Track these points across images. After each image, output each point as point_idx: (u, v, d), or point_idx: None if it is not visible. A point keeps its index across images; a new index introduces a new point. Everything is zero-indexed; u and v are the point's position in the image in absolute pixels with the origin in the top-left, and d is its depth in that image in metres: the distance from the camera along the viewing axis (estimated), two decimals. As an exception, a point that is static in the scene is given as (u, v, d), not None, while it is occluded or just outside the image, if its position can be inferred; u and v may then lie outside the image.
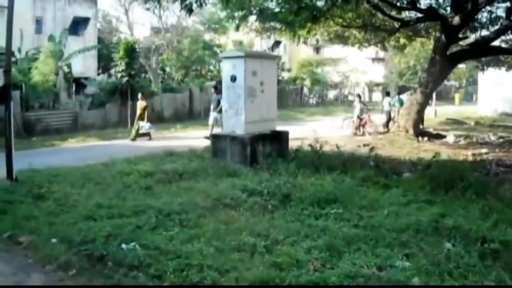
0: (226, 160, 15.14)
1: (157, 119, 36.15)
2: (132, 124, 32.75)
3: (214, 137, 16.06)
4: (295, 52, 57.45)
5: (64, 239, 8.56)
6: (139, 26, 56.85)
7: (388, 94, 32.14)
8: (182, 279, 6.76)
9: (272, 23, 19.77)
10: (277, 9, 16.89)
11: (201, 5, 16.75)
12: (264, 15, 17.02)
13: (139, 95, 28.48)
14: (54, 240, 8.64)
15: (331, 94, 60.64)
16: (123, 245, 8.06)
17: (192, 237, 8.50)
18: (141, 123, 27.16)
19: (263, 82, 15.62)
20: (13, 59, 31.54)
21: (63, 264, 7.66)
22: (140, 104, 27.81)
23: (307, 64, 55.82)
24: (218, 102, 23.63)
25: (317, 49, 65.11)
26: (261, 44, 49.64)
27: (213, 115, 24.98)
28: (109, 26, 60.02)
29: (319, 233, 8.48)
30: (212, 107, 25.54)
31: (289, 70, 57.10)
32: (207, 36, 51.93)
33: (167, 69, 50.13)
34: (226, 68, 15.70)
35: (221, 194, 11.31)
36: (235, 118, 15.36)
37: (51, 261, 7.86)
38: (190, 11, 16.07)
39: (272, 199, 10.86)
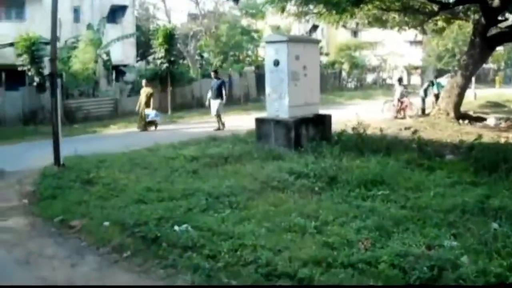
0: (270, 143, 15.26)
1: (197, 105, 36.56)
2: (172, 110, 33.24)
3: (258, 121, 16.15)
4: (333, 36, 57.21)
5: (117, 222, 8.85)
6: (176, 12, 57.08)
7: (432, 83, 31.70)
8: (237, 259, 6.96)
9: (310, 7, 19.69)
10: None
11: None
12: None
13: (143, 82, 27.60)
14: (106, 223, 8.95)
15: (370, 78, 60.34)
16: (176, 227, 8.30)
17: (243, 218, 8.72)
18: (147, 111, 26.01)
19: (305, 66, 15.71)
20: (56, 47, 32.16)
21: (117, 246, 7.97)
22: (145, 91, 26.53)
23: (345, 48, 55.54)
24: (219, 89, 23.92)
25: (354, 33, 64.69)
26: (298, 28, 49.50)
27: (214, 103, 24.14)
28: (146, 13, 60.32)
29: (367, 214, 8.61)
30: (210, 94, 24.56)
31: (327, 54, 56.88)
32: (245, 22, 51.98)
33: (205, 55, 50.37)
34: (269, 53, 15.80)
35: (268, 177, 11.47)
36: (278, 102, 15.47)
37: (105, 243, 8.18)
38: (236, 0, 16.21)
39: (319, 181, 10.99)
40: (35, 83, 29.25)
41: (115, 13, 42.64)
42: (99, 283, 6.87)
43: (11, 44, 31.19)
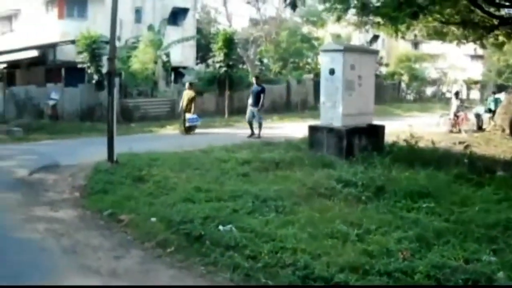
0: (322, 151, 15.35)
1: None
2: (230, 114, 33.55)
3: (311, 129, 16.25)
4: (394, 46, 56.67)
5: (163, 219, 9.12)
6: (238, 17, 57.42)
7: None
8: (276, 260, 7.11)
9: (370, 17, 19.66)
10: (378, 4, 16.78)
11: (304, 1, 17.05)
12: (366, 9, 17.00)
13: (187, 85, 26.90)
14: (153, 219, 9.25)
15: (429, 90, 59.60)
16: (220, 227, 8.51)
17: (287, 222, 8.84)
18: (188, 116, 25.28)
19: (361, 76, 15.76)
20: (115, 47, 32.87)
21: (161, 242, 8.23)
22: (187, 94, 25.66)
23: (405, 59, 54.98)
24: (257, 95, 23.17)
25: (415, 44, 63.94)
26: (359, 38, 49.25)
27: (250, 110, 23.44)
28: (207, 17, 60.91)
29: (410, 225, 8.62)
30: (250, 101, 23.78)
31: (387, 65, 56.47)
32: (305, 29, 52.01)
33: (265, 60, 50.61)
34: (325, 61, 15.92)
35: (317, 183, 11.58)
36: (332, 111, 15.56)
37: (150, 238, 8.46)
38: (294, 7, 16.34)
39: (366, 191, 11.01)
40: (94, 81, 29.91)
41: (176, 16, 43.19)
42: (140, 277, 7.14)
43: (72, 42, 31.97)
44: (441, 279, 6.49)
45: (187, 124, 25.12)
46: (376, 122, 17.20)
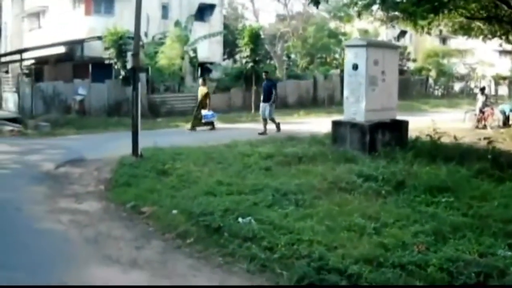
0: (345, 146, 15.38)
1: (281, 105, 36.91)
2: (256, 109, 33.64)
3: (335, 124, 16.31)
4: (421, 42, 56.20)
5: (184, 211, 9.32)
6: (265, 13, 57.68)
7: None
8: (292, 252, 7.24)
9: (395, 13, 19.61)
10: None
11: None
12: (387, 4, 17.00)
13: (200, 81, 27.14)
14: (174, 211, 9.46)
15: (457, 86, 59.06)
16: (240, 219, 8.66)
17: (306, 215, 8.96)
18: (203, 112, 25.19)
19: (384, 71, 15.74)
20: (140, 43, 33.21)
21: (181, 233, 8.44)
22: (201, 90, 26.08)
23: (432, 54, 54.53)
24: (269, 91, 23.19)
25: (443, 40, 63.46)
26: (386, 33, 49.12)
27: (262, 105, 23.45)
28: (235, 13, 61.19)
29: (428, 219, 8.64)
30: (262, 97, 23.94)
31: (414, 60, 56.10)
32: (333, 24, 52.01)
33: (292, 56, 50.68)
34: (348, 56, 15.96)
35: (338, 178, 11.62)
36: (355, 106, 15.59)
37: (170, 230, 8.68)
38: (317, 3, 16.39)
39: (386, 185, 11.03)
40: (120, 76, 30.21)
41: (203, 12, 43.43)
42: (160, 266, 7.32)
43: (99, 38, 32.32)
44: (453, 272, 6.53)
45: (203, 120, 25.08)
46: (401, 117, 17.14)
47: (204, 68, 40.82)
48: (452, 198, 10.02)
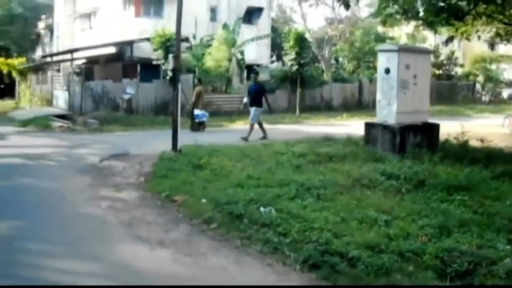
0: (377, 147, 15.89)
1: (326, 107, 37.57)
2: (300, 111, 34.34)
3: (368, 125, 16.83)
4: (469, 47, 55.83)
5: (212, 200, 10.12)
6: (313, 16, 58.20)
7: None
8: (303, 237, 7.93)
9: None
10: (420, 9, 17.09)
11: (357, 1, 17.68)
12: (408, 14, 17.39)
13: (196, 81, 27.23)
14: (203, 200, 10.27)
15: (505, 92, 58.45)
16: (261, 208, 9.42)
17: (324, 208, 9.58)
18: (195, 111, 25.26)
19: (416, 75, 16.17)
20: (188, 45, 34.21)
21: (207, 219, 9.25)
22: (196, 90, 26.27)
23: (480, 60, 54.18)
24: (257, 95, 21.82)
25: (491, 45, 62.89)
26: (435, 38, 49.03)
27: (251, 110, 21.84)
28: (283, 16, 61.83)
29: (437, 214, 9.12)
30: (245, 99, 23.29)
31: (461, 66, 55.86)
32: (380, 28, 52.18)
33: (340, 59, 51.09)
34: (381, 61, 16.46)
35: (362, 175, 12.18)
36: (387, 108, 16.09)
37: (198, 216, 9.50)
38: (347, 6, 16.92)
39: (407, 183, 11.54)
40: (168, 77, 30.91)
41: (251, 14, 44.21)
42: (184, 246, 8.14)
43: (148, 39, 33.31)
44: (447, 260, 7.04)
45: (196, 120, 25.22)
46: (442, 121, 17.44)
47: (251, 70, 41.57)
48: (466, 197, 10.43)
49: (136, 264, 7.38)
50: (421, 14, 17.01)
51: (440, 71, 48.83)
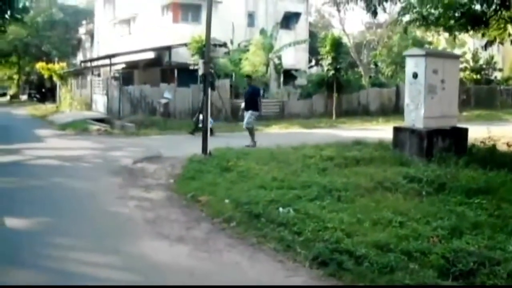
0: (405, 151, 16.02)
1: (362, 112, 37.67)
2: (337, 115, 34.54)
3: (396, 130, 17.00)
4: (509, 51, 55.33)
5: (234, 200, 10.53)
6: (351, 21, 58.28)
7: None
8: (316, 236, 8.23)
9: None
10: (437, 15, 17.16)
11: (384, 9, 17.88)
12: (427, 20, 17.49)
13: (201, 86, 25.71)
14: (226, 200, 10.69)
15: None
16: (280, 208, 9.78)
17: (342, 209, 9.85)
18: (201, 116, 23.21)
19: (444, 80, 16.31)
20: (225, 50, 34.69)
21: (227, 218, 9.65)
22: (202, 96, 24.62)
23: (520, 64, 53.79)
24: (252, 98, 20.99)
25: (533, 49, 62.08)
26: (473, 42, 48.74)
27: (245, 114, 21.05)
28: (322, 21, 61.99)
29: (452, 216, 9.25)
30: (243, 105, 21.90)
31: (500, 70, 55.33)
32: (419, 33, 51.98)
33: (379, 64, 51.08)
34: (409, 65, 16.60)
35: (384, 178, 12.35)
36: (415, 112, 16.23)
37: (219, 215, 9.91)
38: (374, 13, 17.14)
39: (428, 186, 11.63)
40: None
41: (288, 20, 44.67)
42: (202, 242, 8.56)
43: (185, 45, 33.90)
44: (452, 260, 7.20)
45: (200, 124, 24.01)
46: (475, 126, 17.57)
47: (289, 75, 41.94)
48: (484, 200, 10.52)
49: (155, 257, 7.84)
50: (440, 21, 17.07)
51: (479, 76, 48.43)
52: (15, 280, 7.00)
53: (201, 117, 22.79)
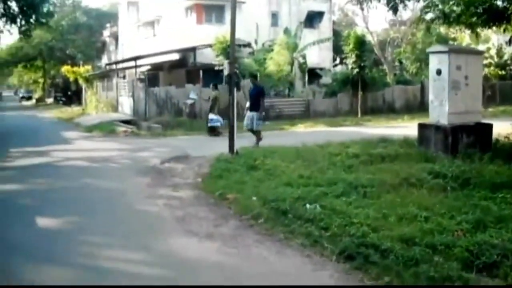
0: (430, 147, 16.05)
1: (388, 110, 37.66)
2: (362, 113, 34.61)
3: (421, 126, 17.05)
4: (536, 47, 54.66)
5: (262, 198, 10.73)
6: (377, 19, 58.09)
7: None
8: (342, 231, 8.40)
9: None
10: (458, 12, 17.09)
11: (405, 6, 17.93)
12: (449, 18, 17.46)
13: (211, 85, 26.78)
14: (254, 198, 10.90)
15: None
16: (307, 205, 9.95)
17: (368, 205, 10.00)
18: (210, 116, 25.37)
19: (467, 76, 16.32)
20: (250, 50, 34.89)
21: (255, 215, 9.86)
22: (212, 95, 26.10)
23: (547, 59, 53.10)
24: (256, 98, 20.20)
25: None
26: (498, 38, 48.33)
27: (248, 115, 20.25)
28: (346, 19, 61.96)
29: (476, 211, 9.31)
30: (247, 104, 20.93)
31: (525, 66, 54.75)
32: (443, 29, 51.70)
33: (403, 61, 50.91)
34: (432, 62, 16.64)
35: (410, 174, 12.41)
36: (439, 109, 16.27)
37: (247, 212, 10.12)
38: (395, 10, 17.21)
39: (453, 182, 11.70)
40: (230, 82, 31.78)
41: (312, 19, 44.80)
42: (230, 239, 8.78)
43: (210, 46, 34.18)
44: (476, 253, 7.30)
45: (209, 124, 25.39)
46: (501, 122, 17.52)
47: (314, 74, 42.05)
48: (509, 195, 10.52)
49: (184, 254, 8.10)
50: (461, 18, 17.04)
51: (504, 72, 48.05)
52: (49, 276, 7.28)
53: (210, 116, 24.48)
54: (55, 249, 8.41)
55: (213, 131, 25.27)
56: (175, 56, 37.14)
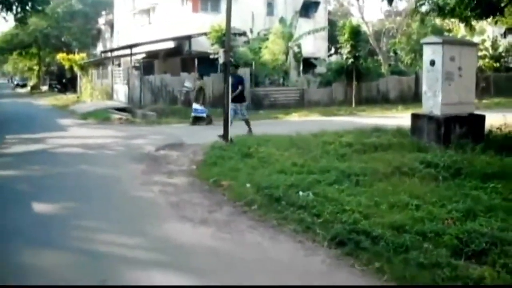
0: (423, 138, 16.16)
1: (382, 100, 37.83)
2: (356, 103, 34.77)
3: (414, 116, 17.19)
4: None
5: (255, 184, 10.89)
6: (370, 9, 58.19)
7: None
8: (334, 218, 8.55)
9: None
10: (452, 5, 17.16)
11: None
12: (443, 11, 17.55)
13: (196, 75, 27.33)
14: (248, 185, 11.04)
15: None
16: (300, 192, 10.09)
17: (360, 192, 10.13)
18: (194, 106, 25.69)
19: (461, 68, 16.42)
20: (245, 39, 34.96)
21: (249, 201, 10.01)
22: (197, 84, 26.64)
23: (545, 51, 53.17)
24: (236, 88, 19.29)
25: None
26: (493, 30, 48.47)
27: (231, 107, 18.02)
28: (341, 9, 62.05)
29: (466, 200, 9.44)
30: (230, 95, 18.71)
31: (525, 57, 54.86)
32: (438, 21, 51.77)
33: (398, 52, 51.04)
34: (426, 53, 16.75)
35: (402, 163, 12.53)
36: (432, 100, 16.39)
37: (240, 199, 10.27)
38: (390, 1, 17.29)
39: (445, 172, 11.81)
40: (224, 71, 31.85)
41: (307, 8, 44.85)
42: (225, 225, 8.91)
43: (205, 34, 34.24)
44: (466, 240, 7.43)
45: (193, 114, 25.62)
46: (495, 113, 17.67)
47: (309, 63, 42.16)
48: (499, 185, 10.67)
49: (178, 239, 8.24)
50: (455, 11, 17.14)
51: (498, 64, 48.18)
52: (46, 260, 7.41)
53: (194, 106, 24.87)
54: (51, 234, 8.52)
55: (197, 121, 25.47)
56: (171, 44, 37.13)
